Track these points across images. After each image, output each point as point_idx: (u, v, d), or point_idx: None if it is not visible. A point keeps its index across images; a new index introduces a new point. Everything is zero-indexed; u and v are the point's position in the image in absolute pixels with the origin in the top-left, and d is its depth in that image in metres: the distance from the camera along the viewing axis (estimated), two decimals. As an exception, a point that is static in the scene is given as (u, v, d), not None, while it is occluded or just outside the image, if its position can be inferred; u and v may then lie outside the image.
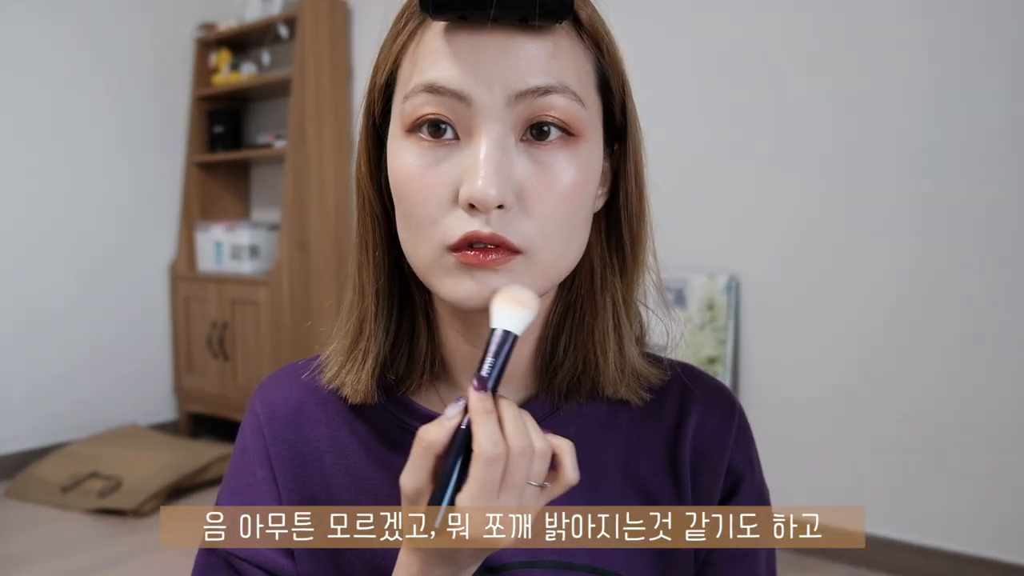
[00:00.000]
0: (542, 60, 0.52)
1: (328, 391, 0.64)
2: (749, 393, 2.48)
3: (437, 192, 0.53)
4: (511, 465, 0.46)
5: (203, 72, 3.73)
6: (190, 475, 2.95)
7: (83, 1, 3.34)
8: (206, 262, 3.61)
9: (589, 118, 0.55)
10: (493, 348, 0.50)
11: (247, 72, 3.64)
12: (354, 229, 0.62)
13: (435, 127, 0.53)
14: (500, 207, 0.51)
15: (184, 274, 3.64)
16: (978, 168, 2.12)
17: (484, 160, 0.51)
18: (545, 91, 0.52)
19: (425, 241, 0.54)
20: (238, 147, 3.71)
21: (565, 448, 0.49)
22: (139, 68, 3.54)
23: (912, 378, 2.23)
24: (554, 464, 0.50)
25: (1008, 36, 2.07)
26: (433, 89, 0.52)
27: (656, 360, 0.67)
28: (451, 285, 0.54)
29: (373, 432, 0.63)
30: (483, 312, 0.53)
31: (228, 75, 3.64)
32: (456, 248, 0.52)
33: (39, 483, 2.91)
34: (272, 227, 3.55)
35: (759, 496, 0.67)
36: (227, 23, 3.64)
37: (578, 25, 0.55)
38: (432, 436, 0.47)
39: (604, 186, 0.60)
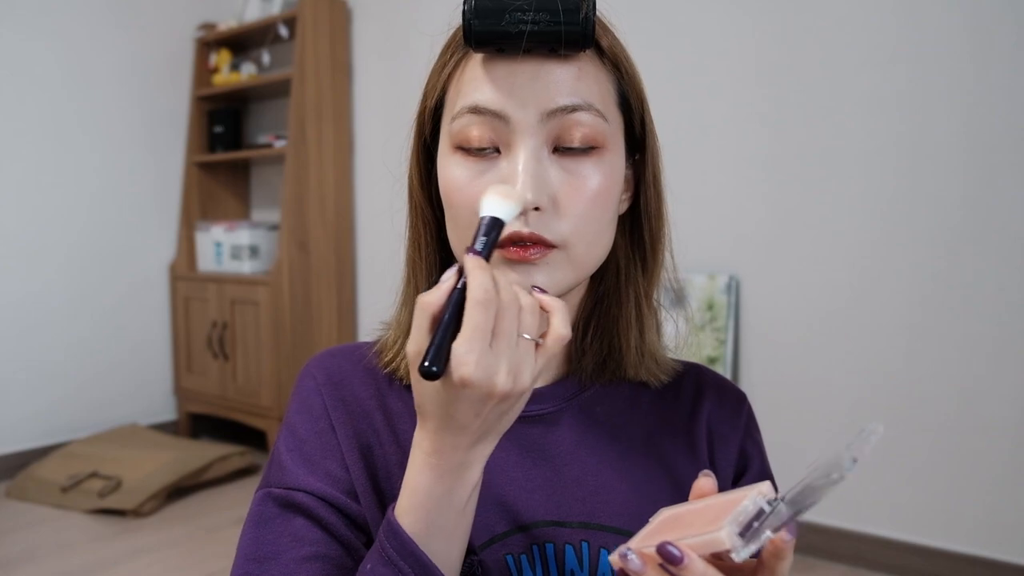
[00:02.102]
0: (569, 83, 0.61)
1: (376, 368, 0.71)
2: (749, 393, 2.44)
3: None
4: (501, 314, 0.50)
5: (203, 72, 3.73)
6: (190, 475, 2.95)
7: (84, 1, 3.35)
8: (206, 262, 3.61)
9: (611, 131, 0.63)
10: (484, 229, 0.54)
11: (247, 72, 3.64)
12: (405, 234, 0.71)
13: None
14: (537, 209, 0.60)
15: (184, 274, 3.64)
16: (981, 169, 2.12)
17: (523, 169, 0.60)
18: (573, 109, 0.61)
19: None
20: (238, 147, 3.71)
21: (556, 305, 0.54)
22: (139, 68, 3.54)
23: (913, 378, 2.23)
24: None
25: (1003, 38, 2.07)
26: (476, 110, 0.61)
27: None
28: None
29: None
30: None
31: (228, 75, 3.64)
32: (500, 246, 0.60)
33: (39, 483, 2.91)
34: (272, 227, 3.56)
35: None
36: (227, 23, 3.64)
37: (600, 51, 0.64)
38: (430, 298, 0.51)
39: (628, 191, 0.69)
